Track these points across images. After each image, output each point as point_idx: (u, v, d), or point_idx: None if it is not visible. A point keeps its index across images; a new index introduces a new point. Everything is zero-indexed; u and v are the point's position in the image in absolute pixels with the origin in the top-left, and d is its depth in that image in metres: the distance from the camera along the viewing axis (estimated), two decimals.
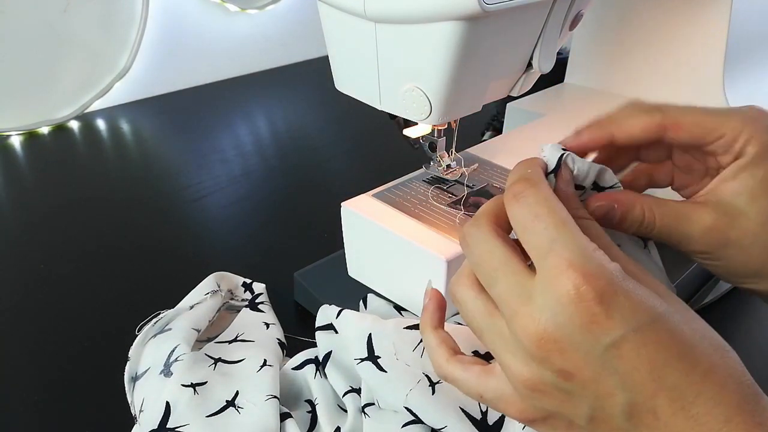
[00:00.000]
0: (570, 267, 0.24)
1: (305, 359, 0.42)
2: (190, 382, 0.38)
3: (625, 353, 0.23)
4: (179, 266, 0.59)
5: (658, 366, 0.23)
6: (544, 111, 0.64)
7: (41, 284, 0.56)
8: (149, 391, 0.39)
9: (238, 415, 0.37)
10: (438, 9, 0.33)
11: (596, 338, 0.23)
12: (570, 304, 0.24)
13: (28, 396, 0.44)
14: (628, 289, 0.24)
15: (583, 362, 0.24)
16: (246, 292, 0.49)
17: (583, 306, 0.23)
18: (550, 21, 0.39)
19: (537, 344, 0.25)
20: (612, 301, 0.23)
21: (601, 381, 0.24)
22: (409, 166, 0.51)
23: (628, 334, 0.23)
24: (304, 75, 1.17)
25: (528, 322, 0.25)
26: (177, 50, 1.06)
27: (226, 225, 0.66)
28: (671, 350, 0.23)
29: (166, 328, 0.43)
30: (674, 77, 0.62)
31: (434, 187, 0.47)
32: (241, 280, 0.50)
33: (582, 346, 0.24)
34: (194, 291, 0.47)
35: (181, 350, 0.40)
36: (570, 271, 0.24)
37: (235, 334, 0.44)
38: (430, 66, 0.36)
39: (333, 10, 0.39)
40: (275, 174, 0.78)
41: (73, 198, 0.73)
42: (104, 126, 0.94)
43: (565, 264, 0.24)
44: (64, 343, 0.49)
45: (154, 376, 0.40)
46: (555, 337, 0.24)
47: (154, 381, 0.40)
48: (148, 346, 0.43)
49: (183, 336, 0.42)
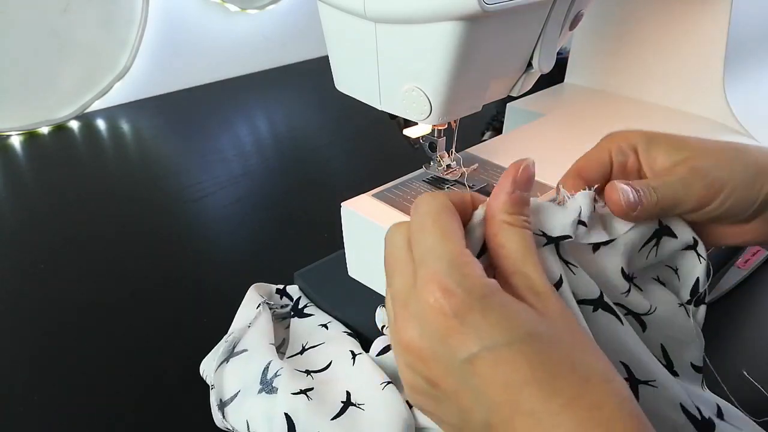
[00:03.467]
0: (432, 280, 0.24)
1: (384, 345, 0.42)
2: (299, 389, 0.37)
3: (479, 370, 0.23)
4: (179, 266, 0.59)
5: (514, 389, 0.22)
6: (544, 111, 0.64)
7: (41, 284, 0.56)
8: (253, 411, 0.38)
9: (363, 411, 0.36)
10: (438, 9, 0.33)
11: (453, 352, 0.23)
12: (431, 316, 0.24)
13: (28, 396, 0.44)
14: (489, 307, 0.23)
15: (444, 374, 0.24)
16: (283, 298, 0.49)
17: (442, 319, 0.24)
18: (550, 21, 0.39)
19: (405, 351, 0.25)
20: (466, 317, 0.23)
21: (460, 394, 0.24)
22: (409, 166, 0.51)
23: (481, 352, 0.23)
24: (304, 75, 1.17)
25: (400, 327, 0.26)
26: (177, 50, 1.06)
27: (226, 225, 0.66)
28: (528, 374, 0.22)
29: (238, 351, 0.43)
30: (674, 77, 0.62)
31: (434, 187, 0.47)
32: (274, 287, 0.50)
33: (442, 358, 0.24)
34: (243, 307, 0.47)
35: (275, 366, 0.40)
36: (431, 283, 0.24)
37: (300, 346, 0.44)
38: (430, 66, 0.36)
39: (333, 10, 0.39)
40: (275, 174, 0.78)
41: (73, 198, 0.73)
42: (104, 126, 0.94)
43: (429, 276, 0.24)
44: (64, 342, 0.49)
45: (251, 396, 0.39)
46: (420, 346, 0.25)
47: (255, 401, 0.39)
48: (227, 370, 0.42)
49: (267, 353, 0.41)
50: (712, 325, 0.49)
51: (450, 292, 0.24)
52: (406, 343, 0.25)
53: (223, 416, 0.39)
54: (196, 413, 0.41)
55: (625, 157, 0.34)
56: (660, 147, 0.33)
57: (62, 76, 0.93)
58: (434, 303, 0.24)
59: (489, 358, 0.23)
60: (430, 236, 0.26)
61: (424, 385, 0.26)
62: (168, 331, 0.50)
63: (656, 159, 0.33)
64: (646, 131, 0.34)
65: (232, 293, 0.49)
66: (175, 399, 0.43)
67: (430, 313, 0.24)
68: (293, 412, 0.36)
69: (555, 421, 0.22)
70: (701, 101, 0.62)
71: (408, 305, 0.25)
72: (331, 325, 0.46)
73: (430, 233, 0.26)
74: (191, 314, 0.51)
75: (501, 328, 0.23)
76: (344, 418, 0.36)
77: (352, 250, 0.47)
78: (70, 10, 0.90)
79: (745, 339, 0.49)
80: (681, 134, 0.34)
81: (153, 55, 1.03)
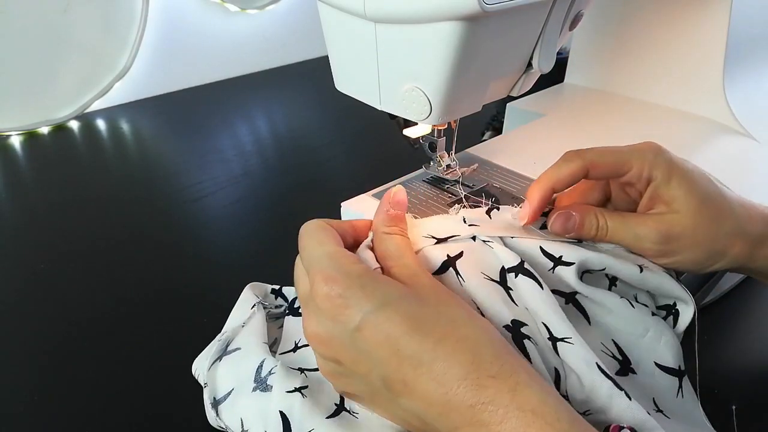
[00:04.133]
0: (317, 275, 0.30)
1: None
2: (294, 387, 0.37)
3: (367, 334, 0.29)
4: (179, 266, 0.59)
5: (395, 340, 0.28)
6: (544, 111, 0.64)
7: (41, 284, 0.56)
8: (247, 410, 0.38)
9: (357, 419, 0.36)
10: (438, 9, 0.33)
11: (344, 326, 0.29)
12: (323, 303, 0.30)
13: (28, 396, 0.44)
14: (365, 282, 0.30)
15: (342, 349, 0.30)
16: (278, 299, 0.49)
17: (330, 302, 0.30)
18: (550, 21, 0.39)
19: (312, 341, 0.32)
20: (348, 294, 0.29)
21: (359, 362, 0.30)
22: (409, 166, 0.51)
23: (366, 316, 0.29)
24: (304, 75, 1.17)
25: (306, 325, 0.32)
26: (177, 50, 1.06)
27: (226, 225, 0.66)
28: (403, 326, 0.28)
29: (231, 349, 0.43)
30: (674, 77, 0.63)
31: (434, 187, 0.47)
32: (269, 287, 0.49)
33: (338, 334, 0.30)
34: (237, 307, 0.47)
35: (269, 364, 0.40)
36: (317, 277, 0.30)
37: (294, 343, 0.44)
38: (430, 66, 0.36)
39: (333, 10, 0.39)
40: (275, 174, 0.78)
41: (73, 198, 0.73)
42: (104, 126, 0.94)
43: (314, 273, 0.31)
44: (65, 343, 0.49)
45: (245, 394, 0.39)
46: (319, 332, 0.31)
47: (249, 399, 0.39)
48: (220, 369, 0.42)
49: (261, 351, 0.41)
50: (712, 326, 0.49)
51: (332, 278, 0.30)
52: (312, 334, 0.31)
53: (217, 414, 0.39)
54: (196, 413, 0.41)
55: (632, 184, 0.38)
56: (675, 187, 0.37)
57: (62, 76, 0.93)
58: (321, 291, 0.30)
59: (371, 320, 0.29)
60: (309, 247, 0.33)
61: (334, 366, 0.32)
62: (167, 330, 0.50)
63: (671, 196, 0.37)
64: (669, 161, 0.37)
65: (232, 293, 0.49)
66: (176, 399, 0.43)
67: (322, 301, 0.30)
68: (288, 410, 0.36)
69: (431, 356, 0.28)
70: (701, 101, 0.62)
71: (308, 304, 0.32)
72: None
73: (309, 244, 0.33)
74: (191, 314, 0.51)
75: (375, 296, 0.29)
76: (340, 419, 0.36)
77: None
78: (70, 10, 0.90)
79: (744, 339, 0.49)
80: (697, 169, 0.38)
81: (153, 55, 1.03)
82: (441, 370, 0.27)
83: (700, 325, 0.38)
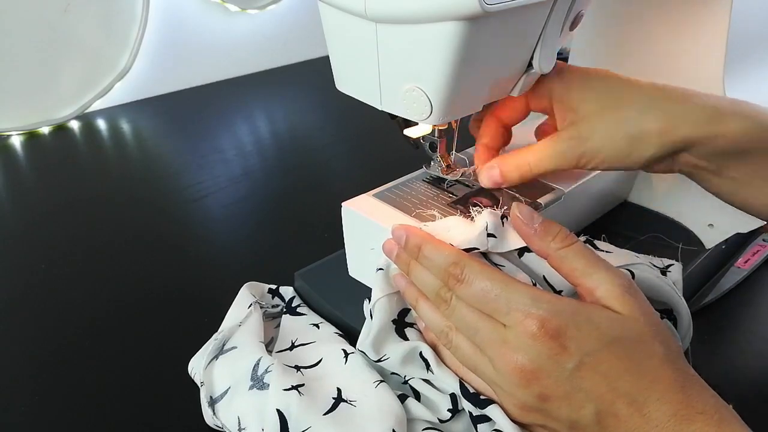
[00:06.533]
0: (527, 316, 0.31)
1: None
2: (290, 385, 0.37)
3: (585, 374, 0.30)
4: (179, 266, 0.59)
5: (613, 379, 0.30)
6: None
7: (41, 284, 0.56)
8: (244, 408, 0.38)
9: (355, 408, 0.37)
10: (438, 9, 0.33)
11: (561, 364, 0.31)
12: (535, 342, 0.31)
13: (28, 396, 0.44)
14: (579, 322, 0.31)
15: (555, 384, 0.31)
16: (275, 299, 0.49)
17: (544, 342, 0.31)
18: (550, 21, 0.39)
19: (518, 375, 0.32)
20: (564, 336, 0.31)
21: (572, 396, 0.31)
22: (409, 166, 0.51)
23: (584, 359, 0.30)
24: (304, 75, 1.17)
25: (508, 360, 0.32)
26: (177, 50, 1.06)
27: (226, 225, 0.66)
28: (620, 367, 0.30)
29: (228, 348, 0.43)
30: (674, 77, 0.62)
31: (434, 187, 0.47)
32: (266, 287, 0.49)
33: (552, 372, 0.31)
34: (234, 306, 0.47)
35: (266, 362, 0.40)
36: (528, 319, 0.31)
37: (290, 342, 0.44)
38: (431, 66, 0.36)
39: (333, 10, 0.39)
40: (275, 174, 0.78)
41: (73, 198, 0.73)
42: (104, 126, 0.94)
43: (522, 314, 0.32)
44: (65, 343, 0.49)
45: (242, 393, 0.39)
46: (532, 368, 0.31)
47: (246, 398, 0.39)
48: (217, 367, 0.42)
49: (257, 350, 0.41)
50: (712, 325, 0.50)
51: (545, 320, 0.31)
52: (518, 369, 0.32)
53: (214, 413, 0.39)
54: (195, 413, 0.41)
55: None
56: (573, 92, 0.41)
57: (62, 76, 0.93)
58: (537, 331, 0.31)
59: (590, 362, 0.30)
60: (496, 290, 0.33)
61: (534, 401, 0.32)
62: (167, 330, 0.50)
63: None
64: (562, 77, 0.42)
65: (232, 293, 0.49)
66: (175, 398, 0.43)
67: (534, 341, 0.31)
68: (285, 408, 0.36)
69: (646, 396, 0.30)
70: None
71: (507, 341, 0.32)
72: (322, 326, 0.45)
73: (494, 288, 0.33)
74: (191, 313, 0.51)
75: (593, 338, 0.31)
76: (336, 413, 0.36)
77: (353, 250, 0.47)
78: (70, 10, 0.90)
79: (744, 340, 0.49)
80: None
81: (153, 55, 1.03)
82: (653, 407, 0.29)
83: (700, 325, 0.38)
